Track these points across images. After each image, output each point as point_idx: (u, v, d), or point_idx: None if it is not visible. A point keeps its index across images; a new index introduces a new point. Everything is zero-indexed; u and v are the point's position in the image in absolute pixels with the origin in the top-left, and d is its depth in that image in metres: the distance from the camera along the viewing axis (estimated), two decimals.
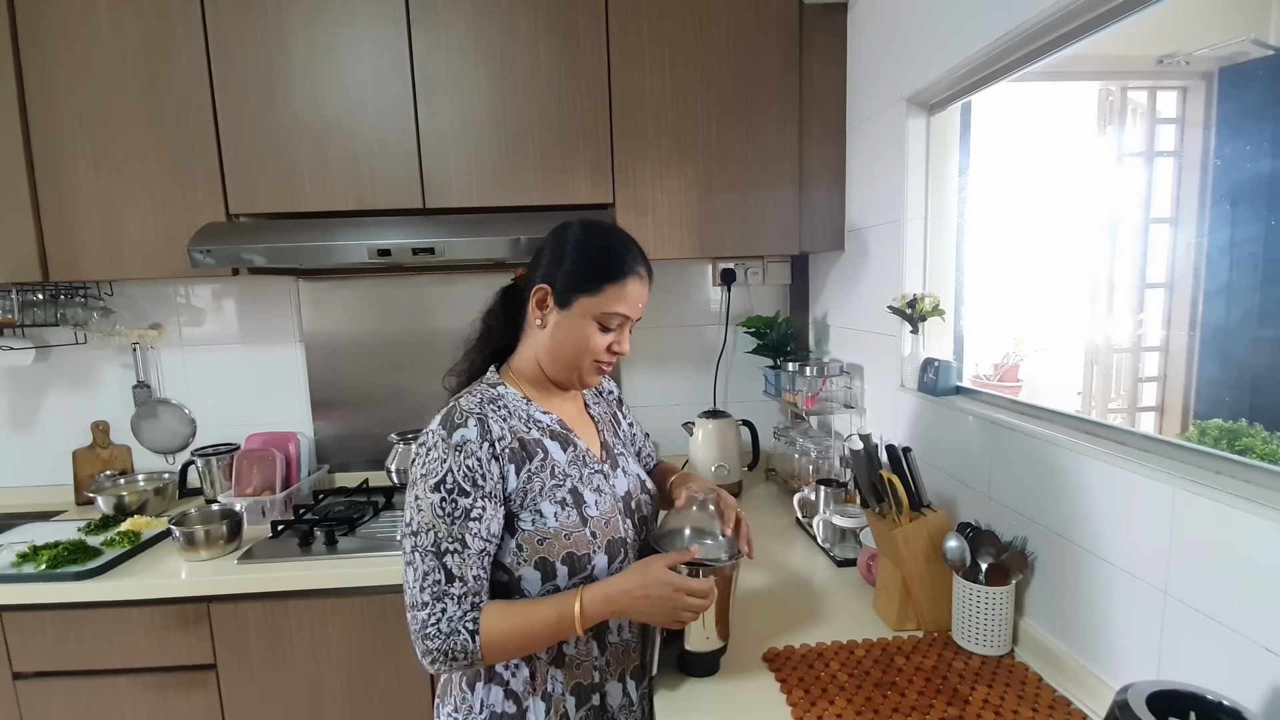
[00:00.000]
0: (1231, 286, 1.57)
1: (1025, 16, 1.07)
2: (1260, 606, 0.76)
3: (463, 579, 0.88)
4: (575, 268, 0.97)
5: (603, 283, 0.97)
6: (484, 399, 0.96)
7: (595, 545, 0.96)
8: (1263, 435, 1.20)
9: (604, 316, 0.98)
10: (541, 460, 0.96)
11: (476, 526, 0.89)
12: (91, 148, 1.68)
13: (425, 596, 0.87)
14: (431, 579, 0.87)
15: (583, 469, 1.01)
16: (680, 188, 1.76)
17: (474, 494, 0.89)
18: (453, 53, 1.69)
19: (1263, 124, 1.63)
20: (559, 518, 0.94)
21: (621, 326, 1.01)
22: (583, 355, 0.99)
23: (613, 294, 0.97)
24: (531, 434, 0.97)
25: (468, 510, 0.88)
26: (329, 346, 2.09)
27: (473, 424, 0.91)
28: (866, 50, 1.67)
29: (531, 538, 0.93)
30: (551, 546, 0.93)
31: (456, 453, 0.89)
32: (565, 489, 0.97)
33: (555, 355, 1.00)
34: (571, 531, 0.95)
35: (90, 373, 2.10)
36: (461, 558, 0.88)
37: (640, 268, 1.00)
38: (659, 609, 0.90)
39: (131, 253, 1.72)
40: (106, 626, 1.53)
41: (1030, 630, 1.13)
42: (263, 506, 1.79)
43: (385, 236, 1.59)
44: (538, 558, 0.93)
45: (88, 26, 1.66)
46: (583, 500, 0.98)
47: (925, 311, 1.45)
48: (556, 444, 1.00)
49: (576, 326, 0.98)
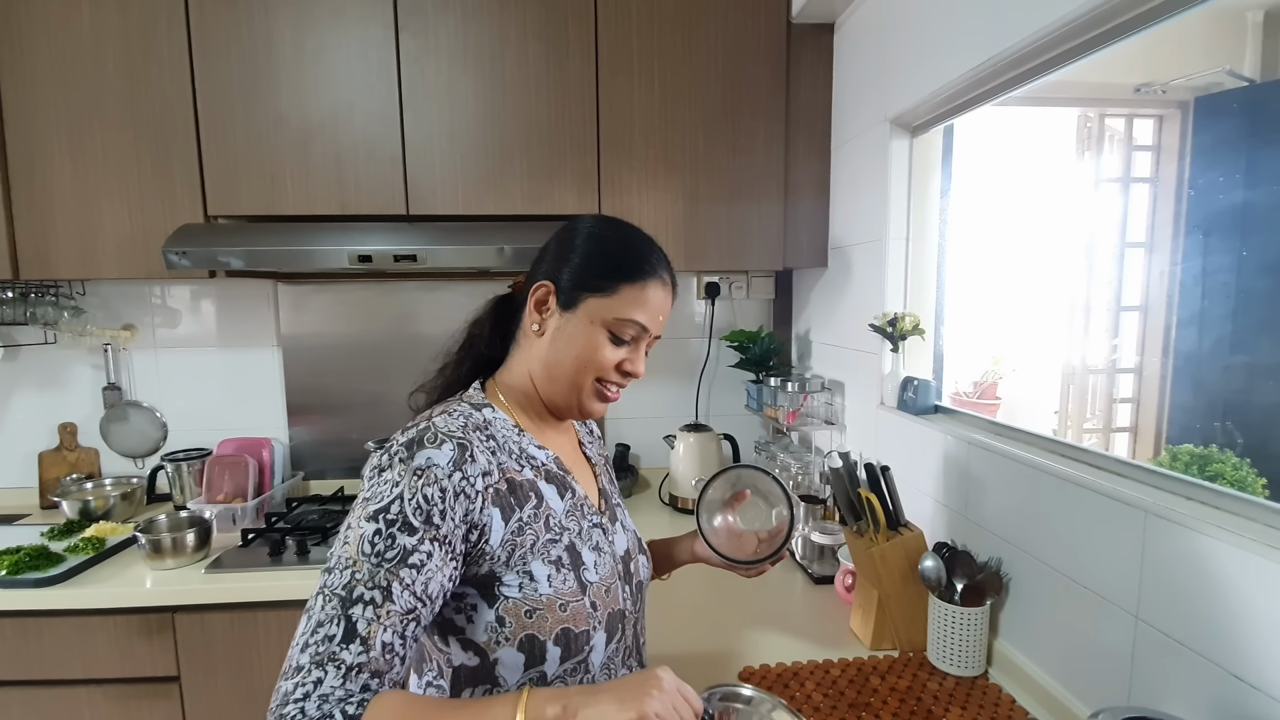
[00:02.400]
0: (1204, 315, 1.60)
1: (1006, 44, 1.08)
2: (1230, 633, 0.76)
3: (366, 643, 0.61)
4: (586, 263, 0.80)
5: (618, 281, 0.78)
6: (469, 424, 0.76)
7: (596, 620, 0.76)
8: (1233, 461, 1.23)
9: (617, 324, 0.78)
10: (535, 508, 0.76)
11: (411, 576, 0.64)
12: (68, 143, 1.65)
13: (303, 658, 0.60)
14: (322, 634, 0.61)
15: (581, 521, 0.81)
16: (666, 200, 1.76)
17: (422, 533, 0.66)
18: (440, 59, 1.68)
19: (1237, 154, 1.67)
20: (553, 582, 0.74)
21: (637, 341, 0.81)
22: (586, 370, 0.79)
23: (629, 297, 0.78)
24: (524, 474, 0.77)
25: (406, 553, 0.65)
26: (307, 351, 2.06)
27: (448, 448, 0.70)
28: (852, 71, 1.69)
29: (518, 609, 0.72)
30: (543, 620, 0.72)
31: (415, 477, 0.67)
32: (561, 545, 0.76)
33: (553, 369, 0.80)
34: (568, 601, 0.74)
35: (59, 373, 2.05)
36: (376, 613, 0.62)
37: (664, 272, 0.82)
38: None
39: (106, 252, 1.68)
40: (68, 636, 1.48)
41: (1004, 651, 1.13)
42: (234, 514, 1.76)
43: (367, 242, 1.57)
44: (524, 635, 0.72)
45: (68, 19, 1.62)
46: (581, 561, 0.77)
47: (906, 330, 1.46)
48: (553, 488, 0.80)
49: (581, 333, 0.79)
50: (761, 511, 0.98)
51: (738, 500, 1.01)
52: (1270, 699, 0.72)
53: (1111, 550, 0.92)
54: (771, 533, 0.99)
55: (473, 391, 0.84)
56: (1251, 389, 1.50)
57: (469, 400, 0.82)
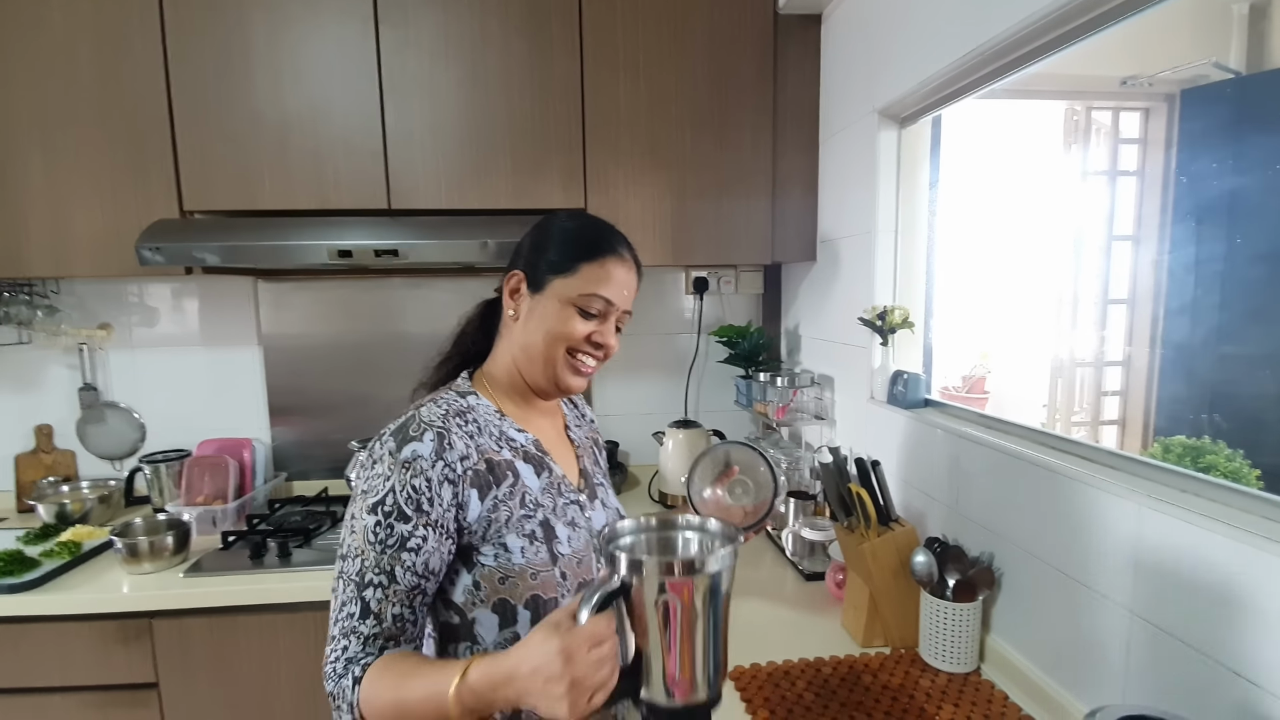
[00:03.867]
0: (1191, 308, 1.60)
1: (993, 33, 1.07)
2: (1225, 627, 0.75)
3: (379, 617, 0.76)
4: (550, 249, 0.89)
5: (578, 261, 0.87)
6: (450, 410, 0.84)
7: (565, 588, 0.85)
8: (1225, 453, 1.22)
9: (582, 299, 0.86)
10: (511, 486, 0.85)
11: (411, 559, 0.77)
12: (39, 139, 1.60)
13: (335, 630, 0.78)
14: (346, 611, 0.77)
15: (557, 499, 0.89)
16: (654, 195, 1.74)
17: (415, 520, 0.77)
18: (422, 52, 1.65)
19: (1224, 146, 1.67)
20: (526, 553, 0.83)
21: (605, 315, 0.89)
22: (556, 344, 0.87)
23: (590, 274, 0.87)
24: (502, 454, 0.86)
25: (404, 539, 0.77)
26: (289, 349, 2.02)
27: (429, 438, 0.79)
28: (840, 62, 1.68)
29: (492, 575, 0.81)
30: (515, 587, 0.82)
31: (403, 470, 0.78)
32: (536, 520, 0.85)
33: (529, 348, 0.89)
34: (539, 570, 0.83)
35: (34, 374, 2.00)
36: (385, 593, 0.76)
37: (624, 250, 0.90)
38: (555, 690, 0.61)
39: (79, 250, 1.64)
40: (44, 642, 1.44)
41: (997, 647, 1.12)
42: (214, 516, 1.72)
43: (347, 237, 1.54)
44: (497, 599, 0.81)
45: (39, 14, 1.58)
46: (554, 535, 0.86)
47: (895, 324, 1.45)
48: (530, 468, 0.88)
49: (551, 311, 0.87)
50: (749, 488, 1.00)
51: (727, 476, 1.03)
52: (1267, 693, 0.71)
53: (1105, 544, 0.91)
54: (756, 506, 1.01)
55: (460, 380, 0.93)
56: (1238, 379, 1.50)
57: (456, 389, 0.90)
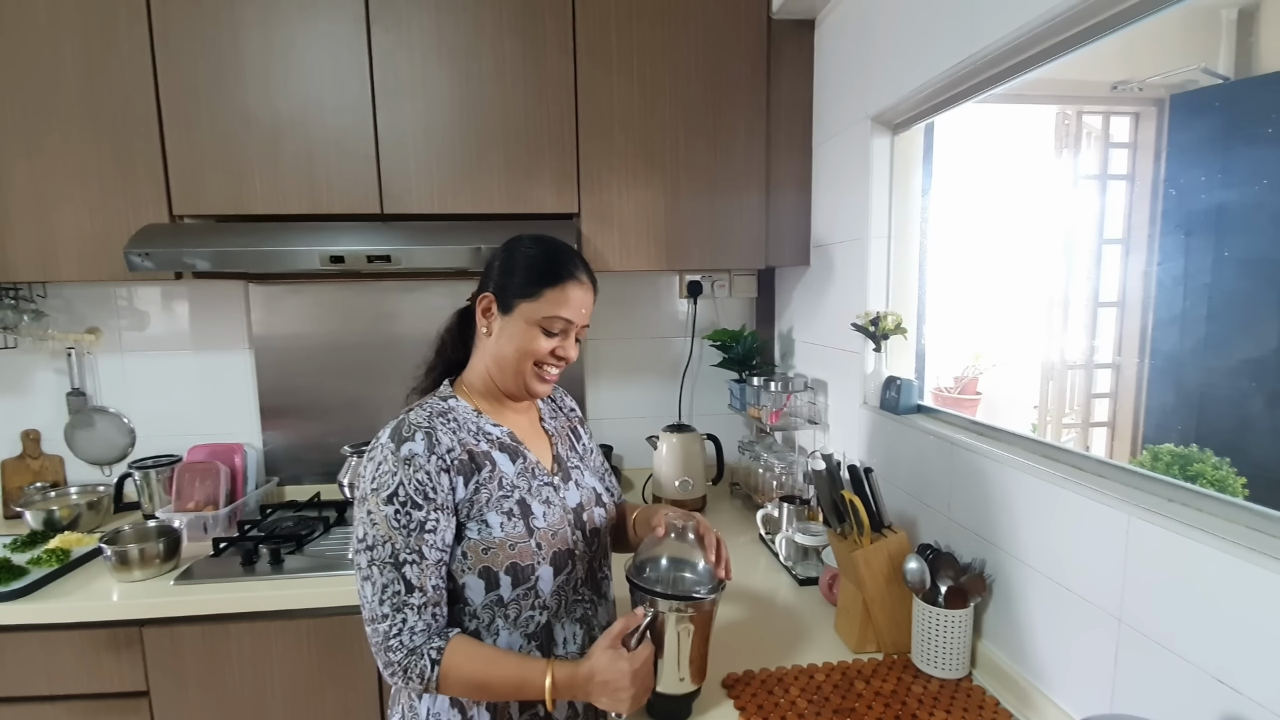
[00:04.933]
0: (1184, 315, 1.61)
1: (986, 42, 1.07)
2: (1212, 635, 0.76)
3: (422, 589, 0.89)
4: (516, 275, 0.99)
5: (541, 287, 0.98)
6: (433, 412, 0.97)
7: (540, 556, 0.96)
8: (1213, 461, 1.23)
9: (546, 321, 0.99)
10: (490, 472, 0.97)
11: (432, 538, 0.90)
12: (24, 141, 1.59)
13: (385, 609, 0.88)
14: (391, 590, 0.88)
15: (531, 481, 1.01)
16: (647, 198, 1.74)
17: (427, 506, 0.90)
18: (414, 54, 1.64)
19: (1213, 151, 1.68)
20: (505, 528, 0.95)
21: (566, 332, 1.01)
22: (525, 359, 0.99)
23: (552, 298, 0.98)
24: (480, 446, 0.98)
25: (422, 523, 0.89)
26: (281, 353, 2.01)
27: (420, 438, 0.92)
28: (833, 68, 1.68)
29: (476, 547, 0.93)
30: (496, 556, 0.94)
31: (406, 466, 0.90)
32: (513, 500, 0.97)
33: (500, 362, 1.01)
34: (516, 542, 0.95)
35: (21, 379, 1.98)
36: (420, 568, 0.89)
37: (581, 274, 1.01)
38: (623, 695, 0.87)
39: (66, 254, 1.62)
40: (32, 651, 1.43)
41: (988, 653, 1.13)
42: (204, 522, 1.71)
43: (339, 243, 1.53)
44: (481, 566, 0.93)
45: (23, 12, 1.56)
46: (530, 511, 0.98)
47: (888, 329, 1.45)
48: (505, 456, 1.00)
49: (519, 331, 0.99)
50: (689, 582, 0.97)
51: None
52: (1253, 702, 0.71)
53: (1094, 552, 0.92)
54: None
55: (442, 388, 1.05)
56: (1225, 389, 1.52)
57: (439, 395, 1.03)
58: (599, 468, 1.19)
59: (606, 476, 1.20)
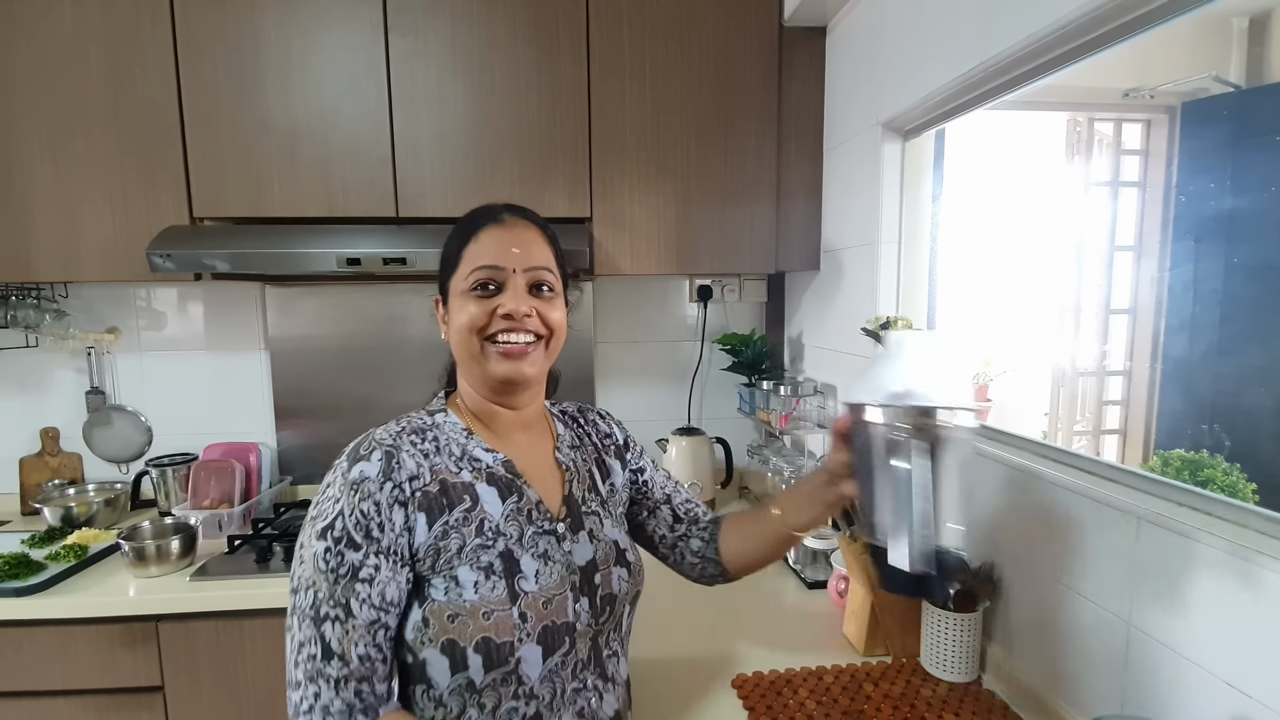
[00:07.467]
0: (1195, 321, 1.61)
1: (998, 49, 1.08)
2: (1221, 640, 0.76)
3: (343, 658, 0.68)
4: (444, 260, 0.86)
5: (459, 249, 0.82)
6: (407, 428, 0.79)
7: (523, 632, 0.74)
8: (1223, 467, 1.23)
9: (470, 280, 0.80)
10: (466, 510, 0.76)
11: (366, 590, 0.69)
12: (49, 144, 1.62)
13: (299, 674, 0.69)
14: (307, 652, 0.68)
15: (525, 526, 0.79)
16: (658, 203, 1.75)
17: (366, 548, 0.70)
18: (430, 61, 1.66)
19: (1223, 159, 1.68)
20: (480, 589, 0.73)
21: (499, 283, 0.80)
22: (469, 335, 0.80)
23: (470, 254, 0.81)
24: (461, 476, 0.78)
25: (355, 568, 0.69)
26: (295, 354, 2.03)
27: (376, 458, 0.73)
28: (844, 74, 1.69)
29: (441, 611, 0.72)
30: (464, 627, 0.72)
31: (352, 493, 0.71)
32: (494, 552, 0.76)
33: (457, 356, 0.84)
34: (493, 610, 0.73)
35: (41, 377, 2.02)
36: (344, 629, 0.68)
37: (500, 214, 0.84)
38: None
39: (88, 254, 1.66)
40: (48, 645, 1.45)
41: (998, 657, 1.13)
42: (220, 520, 1.73)
43: (356, 245, 1.55)
44: (445, 639, 0.72)
45: (49, 18, 1.60)
46: (517, 569, 0.76)
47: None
48: (494, 490, 0.79)
49: (456, 312, 0.81)
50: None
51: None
52: (1264, 707, 0.72)
53: (1104, 556, 0.92)
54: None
55: (434, 400, 0.89)
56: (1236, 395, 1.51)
57: (427, 408, 0.86)
58: (658, 487, 0.99)
59: (675, 490, 1.02)
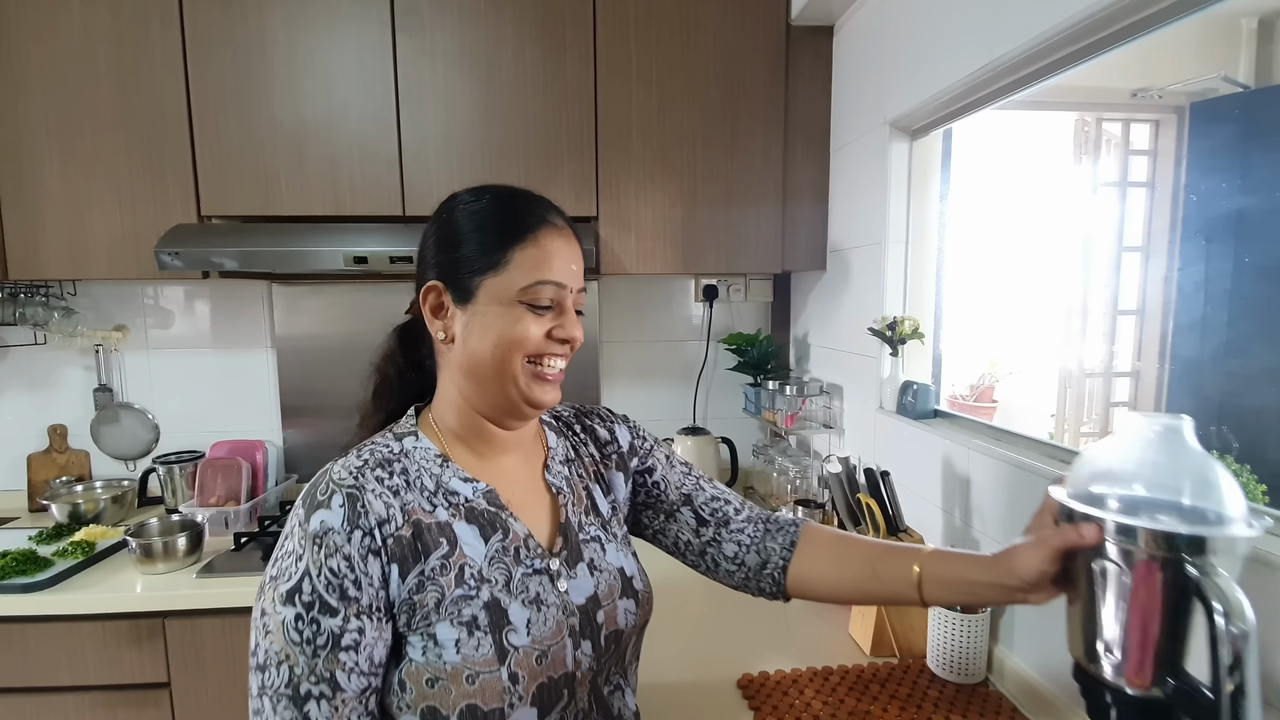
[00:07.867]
0: (1204, 321, 1.61)
1: (1005, 49, 1.08)
2: None
3: None
4: (466, 245, 0.71)
5: (506, 249, 0.69)
6: (370, 461, 0.68)
7: (514, 695, 0.65)
8: (1233, 468, 1.22)
9: (528, 293, 0.69)
10: (444, 557, 0.66)
11: (352, 659, 0.60)
12: (58, 143, 1.63)
13: None
14: None
15: (513, 569, 0.69)
16: (664, 203, 1.75)
17: (344, 610, 0.60)
18: (437, 60, 1.67)
19: (1232, 159, 1.67)
20: (462, 648, 0.63)
21: (560, 304, 0.71)
22: (511, 354, 0.69)
23: (525, 260, 0.69)
24: (436, 515, 0.68)
25: (336, 636, 0.60)
26: (302, 352, 2.04)
27: (338, 504, 0.63)
28: (851, 74, 1.69)
29: (419, 674, 0.63)
30: (445, 692, 0.63)
31: (316, 548, 0.61)
32: (478, 603, 0.66)
33: (476, 370, 0.71)
34: (478, 672, 0.63)
35: (49, 374, 2.03)
36: (332, 706, 0.59)
37: (555, 218, 0.73)
38: None
39: (96, 252, 1.66)
40: (55, 642, 1.46)
41: (1005, 659, 1.12)
42: (226, 518, 1.74)
43: (363, 243, 1.56)
44: (424, 706, 0.63)
45: (58, 18, 1.61)
46: (505, 620, 0.66)
47: (905, 334, 1.46)
48: (474, 529, 0.69)
49: (494, 319, 0.69)
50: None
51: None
52: (1274, 709, 0.71)
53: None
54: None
55: (403, 420, 0.77)
56: (1246, 395, 1.51)
57: (394, 431, 0.75)
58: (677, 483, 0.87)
59: (704, 487, 0.88)
